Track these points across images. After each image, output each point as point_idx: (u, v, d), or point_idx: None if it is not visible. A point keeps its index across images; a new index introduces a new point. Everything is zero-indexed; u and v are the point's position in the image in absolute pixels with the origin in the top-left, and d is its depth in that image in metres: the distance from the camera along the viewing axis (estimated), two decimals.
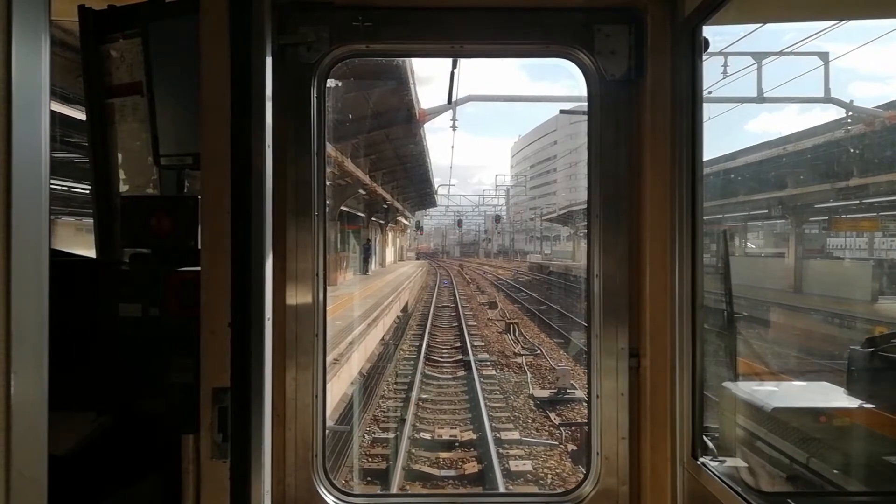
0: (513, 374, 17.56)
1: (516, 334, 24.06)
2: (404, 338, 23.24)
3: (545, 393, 14.99)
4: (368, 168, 33.08)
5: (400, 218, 65.09)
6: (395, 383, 16.29)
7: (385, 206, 45.89)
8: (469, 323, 27.32)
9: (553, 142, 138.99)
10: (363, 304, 22.42)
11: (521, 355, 20.00)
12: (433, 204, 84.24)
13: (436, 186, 72.28)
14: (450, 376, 17.32)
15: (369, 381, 15.79)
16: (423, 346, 21.00)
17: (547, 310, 31.18)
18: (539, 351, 20.52)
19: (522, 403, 14.59)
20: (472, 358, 18.83)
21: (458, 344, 22.31)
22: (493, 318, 29.28)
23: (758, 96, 19.92)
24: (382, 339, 20.90)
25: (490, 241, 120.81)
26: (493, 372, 17.69)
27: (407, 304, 31.89)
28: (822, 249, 28.05)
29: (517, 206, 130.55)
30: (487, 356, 20.01)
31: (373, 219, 46.24)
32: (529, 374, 17.21)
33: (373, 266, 47.71)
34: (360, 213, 40.11)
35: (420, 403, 14.14)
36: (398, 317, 26.91)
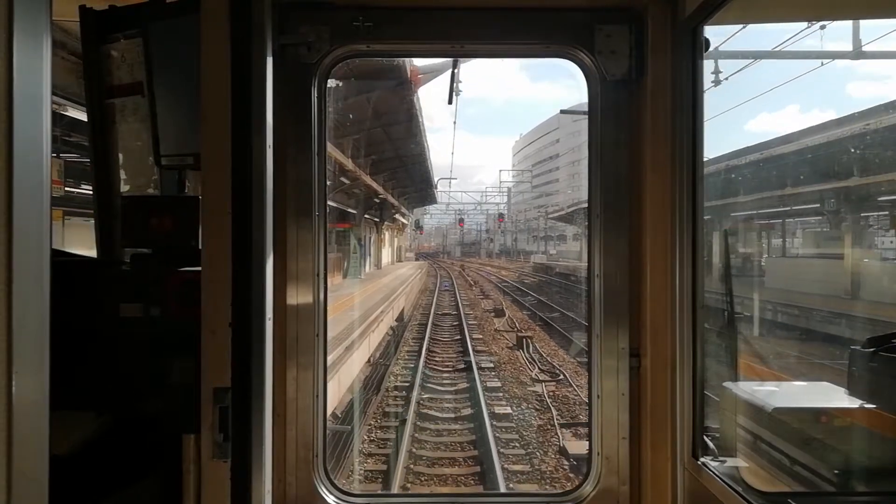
0: (533, 413, 13.53)
1: (530, 350, 20.38)
2: (397, 357, 19.28)
3: (583, 446, 9.91)
4: (352, 152, 26.74)
5: (397, 216, 58.17)
6: (381, 428, 12.26)
7: (377, 200, 39.61)
8: (474, 336, 23.38)
9: (556, 140, 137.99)
10: (350, 313, 17.77)
11: (541, 382, 16.29)
12: (433, 201, 79.53)
13: (435, 181, 64.95)
14: (452, 415, 13.33)
15: (348, 422, 11.81)
16: (419, 369, 16.92)
17: (560, 318, 27.16)
18: (561, 375, 16.73)
19: (554, 466, 10.38)
20: (479, 388, 14.81)
21: (462, 365, 18.43)
22: (500, 329, 25.25)
23: (853, 50, 14.79)
24: (369, 360, 16.63)
25: (492, 240, 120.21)
26: (509, 409, 13.51)
27: (402, 311, 27.43)
28: (870, 248, 23.87)
29: (518, 204, 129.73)
30: (499, 383, 16.09)
31: (366, 216, 40.75)
32: (555, 412, 13.29)
33: (367, 268, 43.17)
34: (350, 210, 35.10)
35: (412, 465, 10.37)
36: (391, 328, 22.78)
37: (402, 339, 22.37)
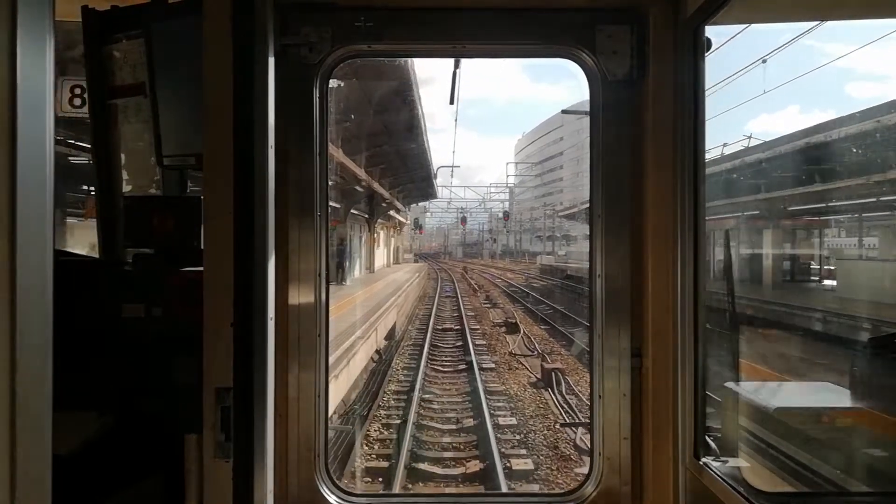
0: None
1: (563, 390, 14.75)
2: (378, 404, 13.91)
3: None
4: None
5: (392, 212, 50.40)
6: None
7: (359, 188, 30.99)
8: (483, 364, 17.85)
9: (559, 138, 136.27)
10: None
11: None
12: (433, 195, 70.82)
13: (434, 169, 55.04)
14: None
15: None
16: (408, 430, 11.87)
17: (587, 333, 15.87)
18: None
19: None
20: (500, 470, 10.03)
21: (471, 420, 12.79)
22: (517, 353, 19.83)
23: None
24: (330, 418, 7.51)
25: (495, 240, 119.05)
26: None
27: (394, 327, 22.28)
28: None
29: (522, 203, 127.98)
30: (530, 462, 10.73)
31: (353, 211, 33.74)
32: None
33: (356, 272, 37.52)
34: (333, 204, 25.16)
35: None
36: (378, 352, 17.88)
37: (388, 373, 16.76)
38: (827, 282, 20.92)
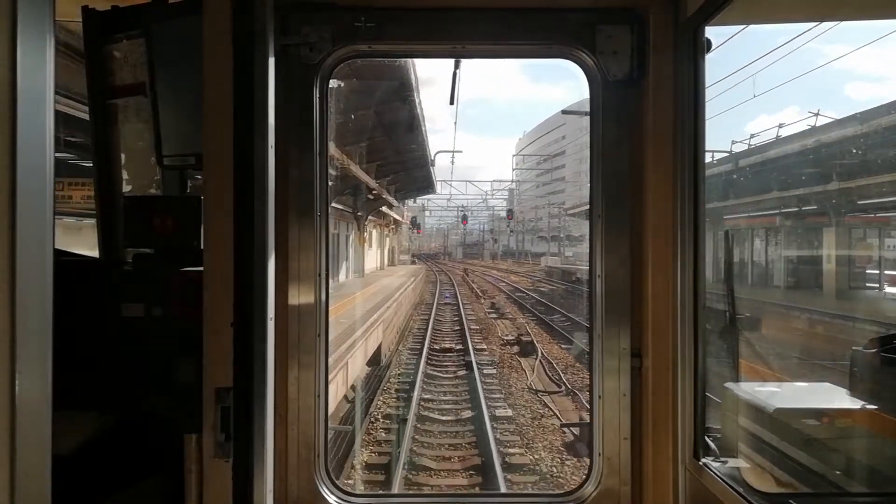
0: None
1: None
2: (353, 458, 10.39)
3: None
4: None
5: (384, 209, 43.25)
6: None
7: (334, 172, 21.70)
8: (498, 410, 13.00)
9: (561, 136, 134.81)
10: None
11: None
12: (431, 188, 63.78)
13: (432, 155, 46.99)
14: None
15: None
16: None
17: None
18: None
19: None
20: None
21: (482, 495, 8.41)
22: (536, 388, 15.66)
23: None
24: None
25: (496, 241, 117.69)
26: None
27: (379, 349, 17.93)
28: None
29: (524, 202, 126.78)
30: None
31: (335, 206, 27.36)
32: None
33: (342, 276, 33.48)
34: None
35: None
36: (353, 388, 13.71)
37: (365, 418, 12.79)
38: None
